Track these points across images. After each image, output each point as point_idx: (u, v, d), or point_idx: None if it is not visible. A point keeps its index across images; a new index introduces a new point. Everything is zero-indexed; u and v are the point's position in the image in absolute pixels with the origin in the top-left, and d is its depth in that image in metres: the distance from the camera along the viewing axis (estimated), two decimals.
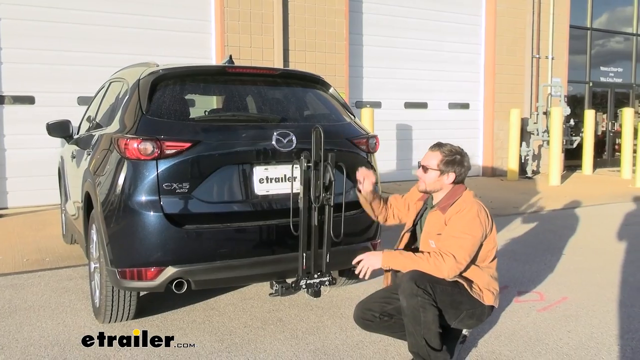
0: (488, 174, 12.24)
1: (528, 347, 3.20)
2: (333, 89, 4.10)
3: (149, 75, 3.50)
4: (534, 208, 8.06)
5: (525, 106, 12.45)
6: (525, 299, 4.04)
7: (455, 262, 2.73)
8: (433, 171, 2.94)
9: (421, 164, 3.01)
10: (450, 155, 2.94)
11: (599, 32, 14.29)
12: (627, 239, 5.95)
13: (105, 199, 3.27)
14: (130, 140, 3.16)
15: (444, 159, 2.93)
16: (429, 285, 2.70)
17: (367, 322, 3.03)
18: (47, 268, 4.87)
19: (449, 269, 2.72)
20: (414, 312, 2.67)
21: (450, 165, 2.92)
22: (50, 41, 8.15)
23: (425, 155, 3.01)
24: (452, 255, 2.73)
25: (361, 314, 3.04)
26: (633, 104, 14.83)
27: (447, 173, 2.93)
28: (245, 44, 9.32)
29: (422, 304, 2.66)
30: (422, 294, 2.66)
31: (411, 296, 2.66)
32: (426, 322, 2.67)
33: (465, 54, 12.01)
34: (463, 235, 2.77)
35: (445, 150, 2.95)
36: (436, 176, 2.95)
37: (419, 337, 2.69)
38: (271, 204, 3.41)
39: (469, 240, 2.77)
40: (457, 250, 2.74)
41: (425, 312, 2.67)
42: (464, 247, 2.76)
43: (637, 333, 3.39)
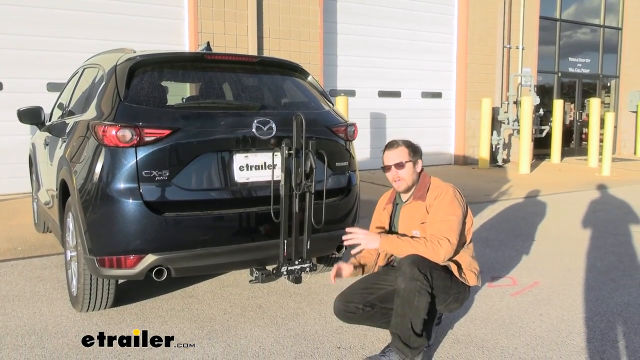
0: (459, 163, 12.43)
1: (502, 329, 3.30)
2: (311, 77, 4.11)
3: (126, 62, 3.45)
4: (505, 196, 8.23)
5: (496, 95, 12.65)
6: (498, 284, 4.14)
7: (450, 244, 2.80)
8: (407, 163, 3.00)
9: (392, 165, 3.00)
10: (411, 145, 3.04)
11: (567, 23, 14.57)
12: (594, 226, 6.14)
13: (82, 187, 3.22)
14: (108, 127, 3.11)
15: (409, 149, 3.01)
16: (429, 270, 2.75)
17: (350, 314, 3.04)
18: (19, 257, 4.78)
19: (445, 252, 2.79)
20: (410, 295, 2.71)
21: (416, 154, 3.04)
22: (16, 25, 7.93)
23: (390, 157, 3.01)
24: (446, 239, 2.79)
25: (343, 306, 3.03)
26: (600, 94, 15.20)
27: (417, 162, 3.03)
28: (219, 31, 9.22)
29: (419, 289, 2.71)
30: (422, 279, 2.71)
31: (411, 279, 2.70)
32: (418, 307, 2.72)
33: (438, 43, 12.12)
34: (449, 217, 2.85)
35: (405, 144, 3.03)
36: (412, 167, 3.02)
37: (406, 319, 2.74)
38: (251, 192, 3.42)
39: (455, 220, 2.85)
40: (449, 232, 2.82)
41: (420, 297, 2.72)
42: (453, 228, 2.83)
43: (605, 315, 3.51)
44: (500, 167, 12.03)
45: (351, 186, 3.83)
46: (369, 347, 3.04)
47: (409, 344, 2.75)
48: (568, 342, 3.12)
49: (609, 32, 15.35)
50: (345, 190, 3.80)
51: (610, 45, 15.44)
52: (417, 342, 2.76)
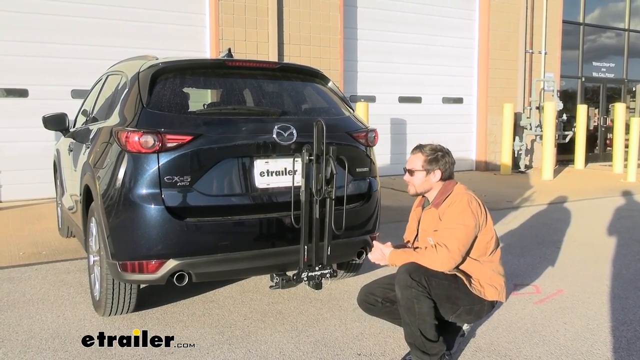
0: (481, 169, 12.31)
1: (525, 338, 3.24)
2: (332, 83, 4.11)
3: (149, 68, 3.49)
4: (528, 202, 8.12)
5: (519, 101, 12.52)
6: (521, 291, 4.08)
7: (448, 251, 2.77)
8: (419, 172, 2.99)
9: (407, 169, 3.06)
10: (432, 154, 2.98)
11: (591, 27, 14.37)
12: (620, 233, 6.02)
13: (105, 192, 3.26)
14: (131, 133, 3.15)
15: (426, 158, 2.98)
16: (424, 277, 2.75)
17: (370, 305, 3.12)
18: (44, 261, 4.86)
19: (442, 259, 2.77)
20: (408, 302, 2.73)
21: (433, 163, 2.97)
22: (42, 33, 8.09)
23: (409, 160, 3.06)
24: (444, 245, 2.78)
25: (364, 297, 3.13)
26: (625, 99, 14.95)
27: (432, 171, 2.98)
28: (239, 38, 9.29)
29: (416, 296, 2.71)
30: (416, 286, 2.72)
31: (405, 287, 2.73)
32: (420, 313, 2.72)
33: (459, 48, 12.05)
34: (455, 226, 2.82)
35: (427, 150, 3.00)
36: (423, 176, 2.99)
37: (414, 327, 2.74)
38: (272, 197, 3.43)
39: (462, 229, 2.81)
40: (449, 240, 2.79)
41: (420, 303, 2.72)
42: (457, 236, 2.80)
43: (632, 325, 3.44)
44: (523, 173, 11.88)
45: (372, 192, 3.81)
46: (390, 354, 3.02)
47: (426, 351, 2.74)
48: (593, 352, 3.06)
49: (634, 35, 15.09)
50: (366, 196, 3.78)
51: (635, 50, 15.18)
52: (433, 348, 2.74)
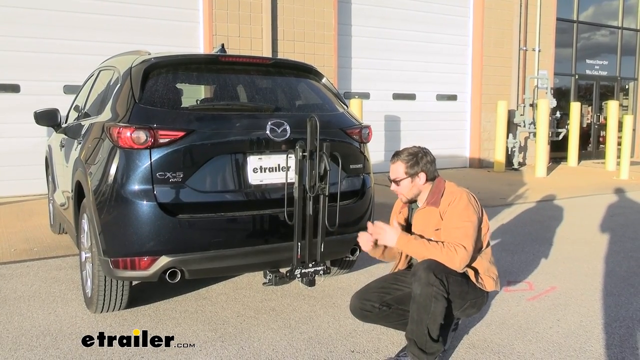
0: (475, 166, 12.33)
1: (519, 335, 3.24)
2: (326, 79, 4.09)
3: (142, 64, 3.46)
4: (521, 199, 8.14)
5: (512, 98, 12.54)
6: (514, 288, 4.09)
7: (466, 251, 2.75)
8: (404, 180, 2.96)
9: (391, 179, 3.01)
10: (411, 159, 2.94)
11: (585, 25, 14.41)
12: (613, 230, 6.04)
13: (97, 188, 3.24)
14: (123, 128, 3.12)
15: (407, 164, 2.94)
16: (445, 276, 2.71)
17: (366, 312, 3.03)
18: (35, 258, 4.82)
19: (461, 260, 2.74)
20: (426, 300, 2.68)
21: (415, 167, 2.94)
22: (34, 28, 8.03)
23: (391, 170, 3.00)
24: (462, 246, 2.74)
25: (360, 304, 3.03)
26: (618, 96, 15.00)
27: (416, 175, 2.94)
28: (233, 34, 9.25)
29: (436, 295, 2.67)
30: (438, 285, 2.67)
31: (427, 285, 2.67)
32: (435, 312, 2.69)
33: (453, 45, 12.05)
34: (464, 224, 2.80)
35: (404, 156, 2.96)
36: (409, 183, 2.96)
37: (422, 325, 2.70)
38: (265, 194, 3.41)
39: (470, 227, 2.80)
40: (464, 239, 2.76)
41: (437, 302, 2.68)
42: (469, 234, 2.78)
43: (625, 322, 3.44)
44: (516, 171, 11.91)
45: (365, 189, 3.80)
46: (383, 351, 3.01)
47: (425, 350, 2.72)
48: (586, 349, 3.06)
49: (627, 34, 15.15)
50: (360, 193, 3.77)
51: (628, 47, 15.23)
52: (433, 347, 2.73)
